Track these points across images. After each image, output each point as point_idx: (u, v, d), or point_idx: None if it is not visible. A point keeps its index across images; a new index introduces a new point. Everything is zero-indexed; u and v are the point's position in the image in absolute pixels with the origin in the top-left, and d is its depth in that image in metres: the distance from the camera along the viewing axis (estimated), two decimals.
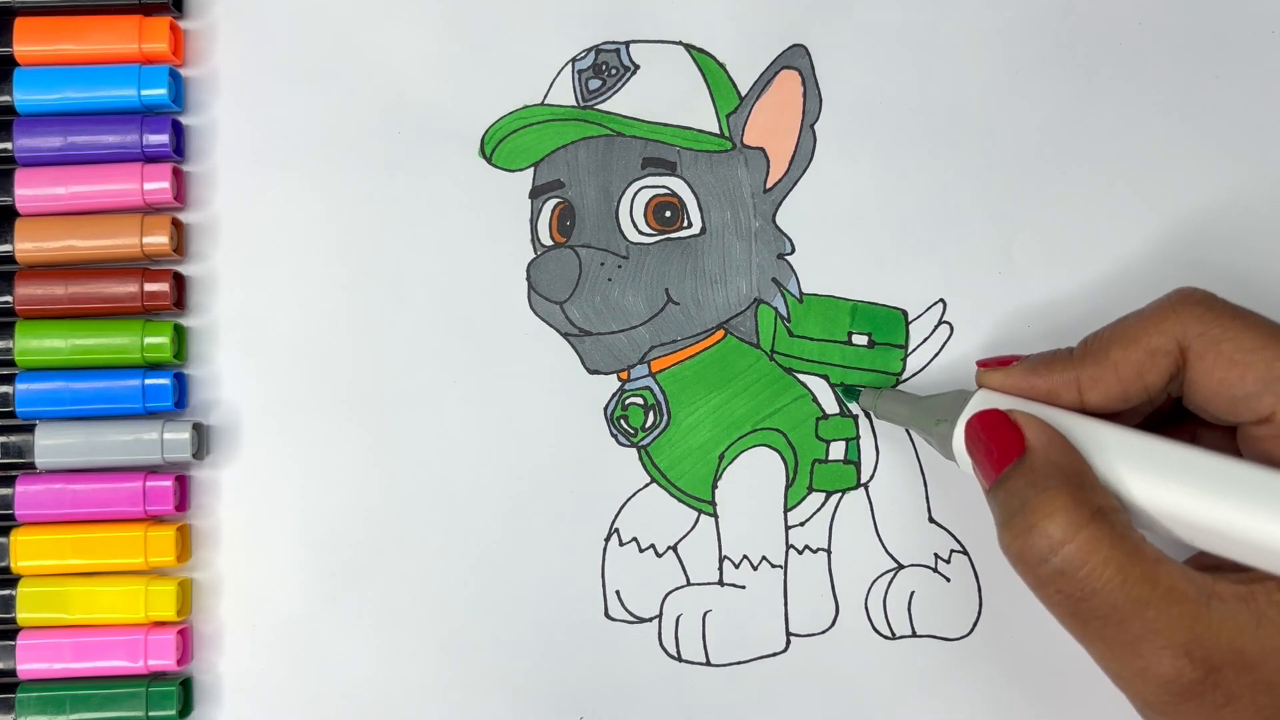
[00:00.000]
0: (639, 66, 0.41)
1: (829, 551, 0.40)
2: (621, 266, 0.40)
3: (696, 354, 0.40)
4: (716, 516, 0.40)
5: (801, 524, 0.40)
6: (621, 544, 0.40)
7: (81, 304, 0.39)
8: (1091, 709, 0.38)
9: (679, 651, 0.39)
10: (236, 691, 0.39)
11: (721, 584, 0.40)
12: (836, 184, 0.40)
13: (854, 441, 0.40)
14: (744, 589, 0.39)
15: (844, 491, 0.40)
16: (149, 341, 0.39)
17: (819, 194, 0.40)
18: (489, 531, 0.40)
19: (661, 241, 0.40)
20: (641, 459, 0.40)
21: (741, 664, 0.39)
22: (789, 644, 0.39)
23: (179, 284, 0.40)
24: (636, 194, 0.40)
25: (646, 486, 0.40)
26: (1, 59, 0.40)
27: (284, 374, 0.40)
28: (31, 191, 0.39)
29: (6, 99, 0.39)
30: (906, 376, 0.40)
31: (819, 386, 0.40)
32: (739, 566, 0.39)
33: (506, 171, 0.41)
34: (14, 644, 0.38)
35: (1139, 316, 0.33)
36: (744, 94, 0.41)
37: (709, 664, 0.39)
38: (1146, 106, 0.40)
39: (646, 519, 0.40)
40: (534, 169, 0.41)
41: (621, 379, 0.40)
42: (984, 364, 0.35)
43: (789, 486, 0.40)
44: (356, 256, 0.41)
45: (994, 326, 0.40)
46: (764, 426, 0.40)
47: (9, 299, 0.39)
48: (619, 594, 0.39)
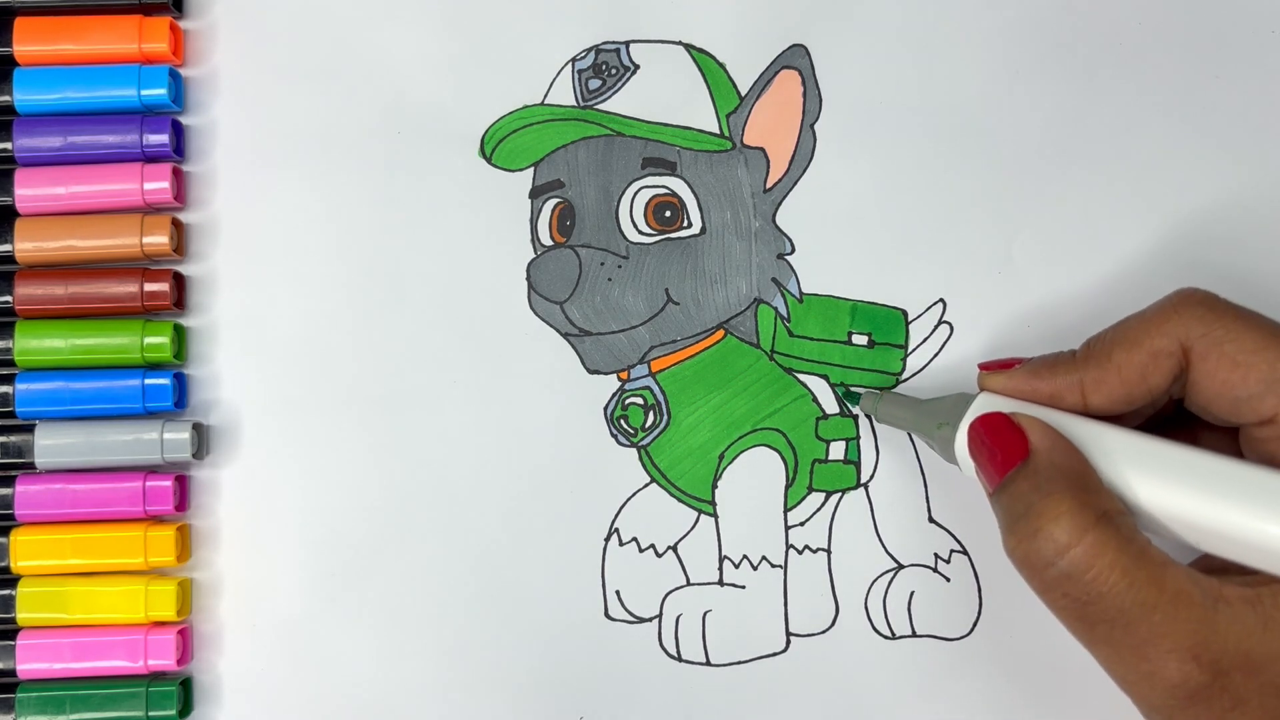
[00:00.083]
0: (639, 66, 0.41)
1: (829, 551, 0.40)
2: (621, 266, 0.40)
3: (696, 354, 0.40)
4: (716, 516, 0.40)
5: (801, 524, 0.40)
6: (621, 544, 0.40)
7: (81, 304, 0.39)
8: (1091, 709, 0.38)
9: (679, 651, 0.39)
10: (236, 691, 0.39)
11: (721, 584, 0.40)
12: (836, 184, 0.40)
13: (854, 441, 0.40)
14: (744, 589, 0.39)
15: (844, 491, 0.40)
16: (149, 341, 0.39)
17: (819, 194, 0.40)
18: (489, 531, 0.40)
19: (661, 241, 0.40)
20: (641, 459, 0.40)
21: (741, 664, 0.39)
22: (789, 644, 0.39)
23: (179, 284, 0.40)
24: (636, 194, 0.40)
25: (646, 486, 0.40)
26: (1, 59, 0.40)
27: (284, 374, 0.40)
28: (31, 191, 0.39)
29: (6, 99, 0.39)
30: (906, 376, 0.40)
31: (819, 386, 0.40)
32: (739, 566, 0.39)
33: (506, 171, 0.41)
34: (14, 644, 0.38)
35: (1141, 318, 0.33)
36: (744, 94, 0.41)
37: (709, 664, 0.39)
38: (1146, 106, 0.40)
39: (646, 519, 0.40)
40: (534, 169, 0.41)
41: (621, 379, 0.40)
42: (986, 367, 0.35)
43: (789, 486, 0.40)
44: (356, 256, 0.41)
45: (994, 327, 0.40)
46: (764, 426, 0.40)
47: (9, 299, 0.39)
48: (619, 594, 0.39)
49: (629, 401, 0.40)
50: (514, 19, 0.41)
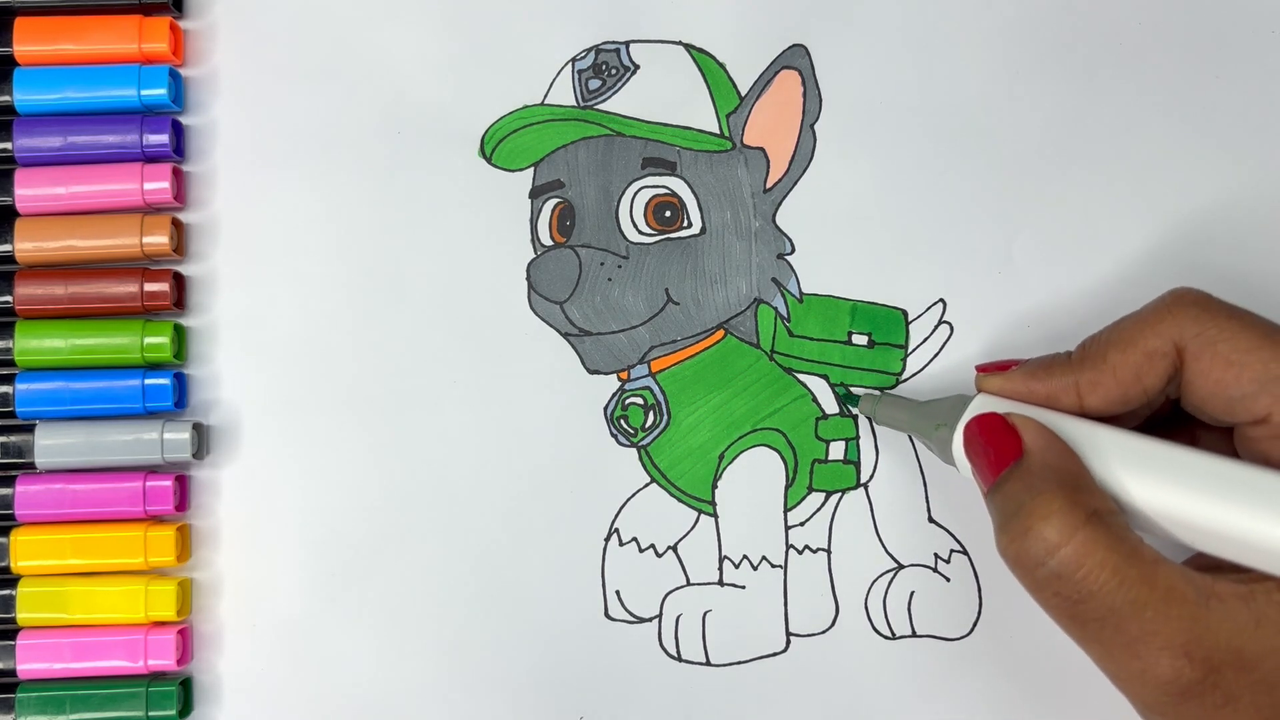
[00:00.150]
0: (639, 66, 0.41)
1: (829, 551, 0.40)
2: (621, 266, 0.40)
3: (696, 354, 0.40)
4: (716, 516, 0.40)
5: (801, 524, 0.40)
6: (621, 544, 0.40)
7: (81, 304, 0.39)
8: (1091, 709, 0.38)
9: (679, 651, 0.39)
10: (236, 691, 0.39)
11: (721, 584, 0.40)
12: (836, 184, 0.40)
13: (854, 441, 0.40)
14: (744, 589, 0.39)
15: (844, 491, 0.40)
16: (149, 341, 0.39)
17: (819, 194, 0.40)
18: (489, 531, 0.40)
19: (661, 241, 0.40)
20: (641, 459, 0.40)
21: (741, 664, 0.39)
22: (789, 644, 0.39)
23: (179, 284, 0.40)
24: (636, 194, 0.40)
25: (646, 486, 0.40)
26: (1, 59, 0.40)
27: (284, 374, 0.40)
28: (31, 191, 0.39)
29: (6, 99, 0.39)
30: (906, 376, 0.40)
31: (819, 386, 0.40)
32: (739, 566, 0.39)
33: (506, 171, 0.41)
34: (14, 644, 0.38)
35: (1135, 319, 0.33)
36: (744, 94, 0.41)
37: (709, 664, 0.39)
38: (1146, 107, 0.40)
39: (646, 519, 0.40)
40: (534, 169, 0.41)
41: (621, 379, 0.40)
42: (983, 369, 0.35)
43: (789, 486, 0.40)
44: (356, 256, 0.41)
45: (994, 326, 0.40)
46: (764, 426, 0.40)
47: (9, 299, 0.39)
48: (619, 594, 0.39)
49: (629, 401, 0.40)
50: (514, 19, 0.41)
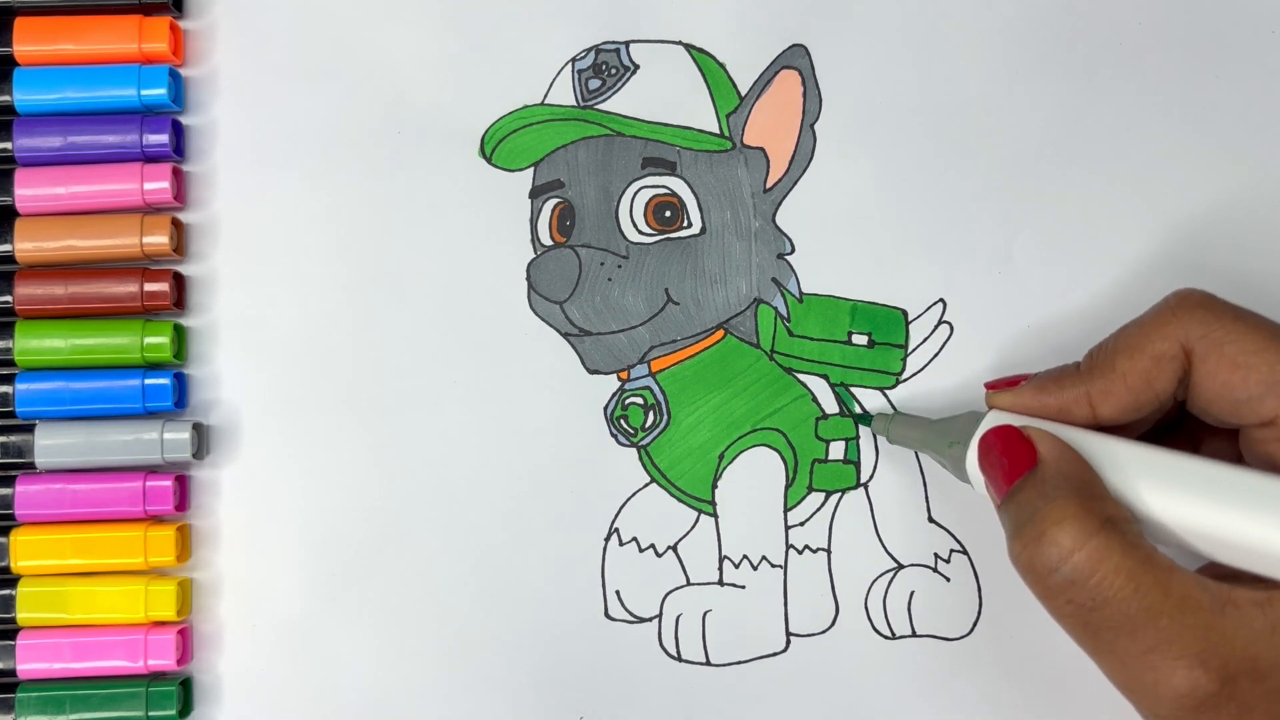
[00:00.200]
0: (639, 66, 0.41)
1: (829, 551, 0.40)
2: (621, 266, 0.40)
3: (696, 354, 0.40)
4: (716, 516, 0.40)
5: (801, 524, 0.40)
6: (621, 544, 0.40)
7: (81, 304, 0.39)
8: (1091, 709, 0.38)
9: (679, 651, 0.39)
10: (236, 691, 0.39)
11: (721, 584, 0.40)
12: (836, 184, 0.40)
13: (854, 441, 0.40)
14: (744, 589, 0.39)
15: (844, 491, 0.40)
16: (149, 341, 0.39)
17: (819, 194, 0.40)
18: (489, 531, 0.40)
19: (661, 241, 0.40)
20: (641, 459, 0.40)
21: (741, 664, 0.39)
22: (789, 644, 0.39)
23: (179, 284, 0.40)
24: (636, 194, 0.40)
25: (646, 486, 0.40)
26: (1, 59, 0.40)
27: (284, 374, 0.40)
28: (31, 191, 0.39)
29: (6, 99, 0.39)
30: (906, 376, 0.40)
31: (819, 386, 0.40)
32: (739, 566, 0.39)
33: (506, 171, 0.41)
34: (14, 644, 0.38)
35: (1140, 323, 0.33)
36: (744, 94, 0.41)
37: (709, 664, 0.39)
38: (1146, 107, 0.40)
39: (646, 519, 0.40)
40: (534, 169, 0.41)
41: (621, 379, 0.40)
42: (992, 385, 0.35)
43: (789, 486, 0.40)
44: (356, 256, 0.41)
45: (994, 327, 0.40)
46: (764, 426, 0.40)
47: (9, 299, 0.39)
48: (619, 594, 0.39)
49: (629, 401, 0.40)
50: (514, 19, 0.41)
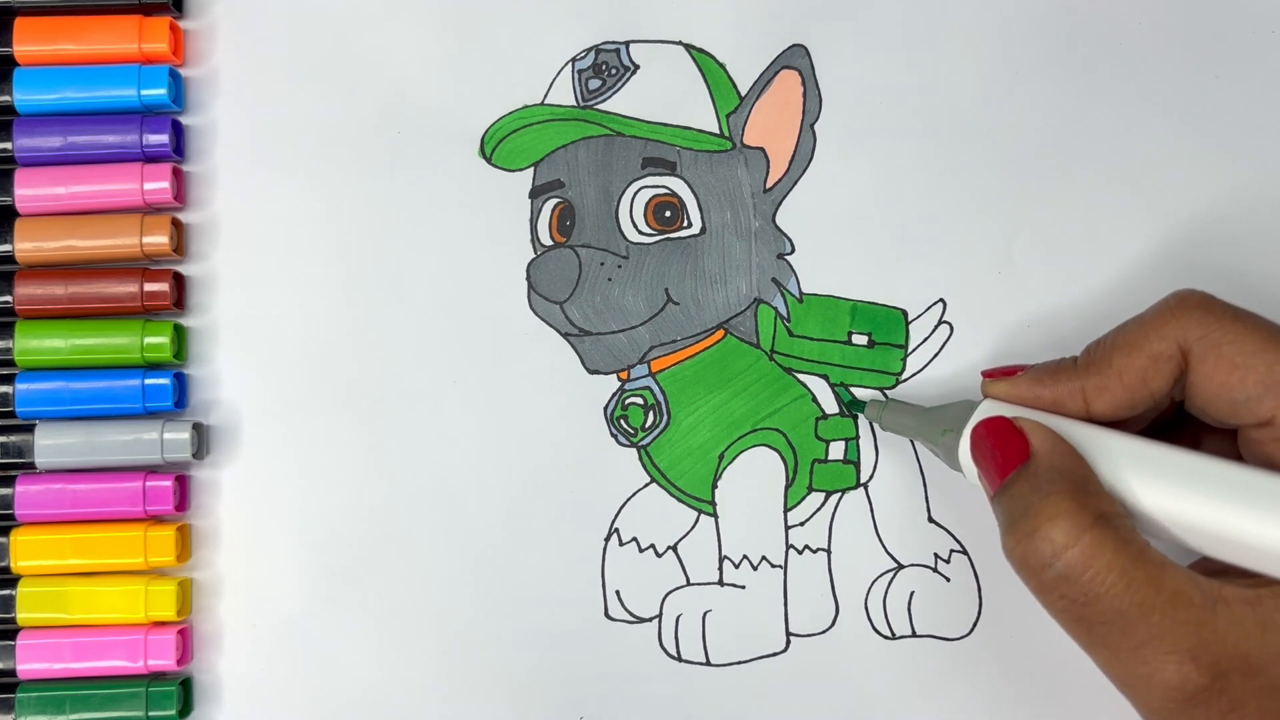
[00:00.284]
0: (639, 66, 0.41)
1: (829, 551, 0.40)
2: (621, 266, 0.40)
3: (696, 354, 0.40)
4: (716, 516, 0.40)
5: (801, 524, 0.40)
6: (621, 544, 0.40)
7: (81, 304, 0.39)
8: (1091, 709, 0.38)
9: (679, 651, 0.39)
10: (236, 691, 0.39)
11: (721, 584, 0.40)
12: (836, 184, 0.40)
13: (854, 441, 0.40)
14: (744, 589, 0.39)
15: (844, 491, 0.40)
16: (149, 341, 0.39)
17: (819, 194, 0.40)
18: (489, 531, 0.40)
19: (661, 241, 0.40)
20: (641, 459, 0.40)
21: (741, 664, 0.39)
22: (789, 644, 0.39)
23: (179, 284, 0.40)
24: (636, 194, 0.40)
25: (646, 486, 0.40)
26: (1, 59, 0.40)
27: (284, 374, 0.40)
28: (31, 191, 0.39)
29: (6, 99, 0.39)
30: (906, 376, 0.40)
31: (819, 386, 0.40)
32: (739, 566, 0.39)
33: (506, 171, 0.41)
34: (14, 644, 0.38)
35: (1139, 322, 0.33)
36: (744, 94, 0.41)
37: (709, 664, 0.39)
38: (1146, 106, 0.40)
39: (646, 519, 0.40)
40: (534, 169, 0.41)
41: (621, 379, 0.40)
42: (989, 374, 0.35)
43: (789, 486, 0.40)
44: (356, 256, 0.41)
45: (994, 327, 0.40)
46: (764, 426, 0.40)
47: (9, 299, 0.39)
48: (619, 594, 0.39)
49: (629, 401, 0.40)
50: (514, 19, 0.41)
